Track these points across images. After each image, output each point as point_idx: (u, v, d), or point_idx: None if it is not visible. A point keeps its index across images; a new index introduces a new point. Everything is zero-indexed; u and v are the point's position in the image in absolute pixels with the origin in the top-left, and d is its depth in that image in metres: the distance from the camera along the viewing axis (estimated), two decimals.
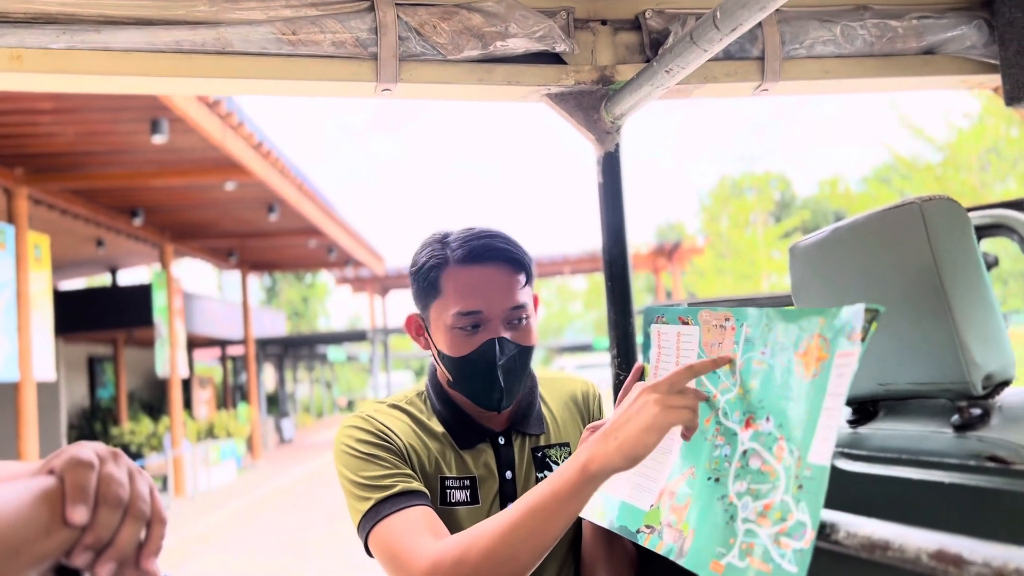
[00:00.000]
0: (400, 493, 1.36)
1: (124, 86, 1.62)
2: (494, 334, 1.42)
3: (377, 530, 1.35)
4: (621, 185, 1.79)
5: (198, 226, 14.43)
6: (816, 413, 0.98)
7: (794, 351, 1.04)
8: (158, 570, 0.78)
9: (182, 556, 9.06)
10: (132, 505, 0.70)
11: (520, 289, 1.45)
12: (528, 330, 1.47)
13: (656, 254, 24.38)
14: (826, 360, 0.98)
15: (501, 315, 1.43)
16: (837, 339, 0.97)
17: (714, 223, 31.91)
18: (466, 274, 1.44)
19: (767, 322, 1.10)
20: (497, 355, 1.42)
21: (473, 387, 1.46)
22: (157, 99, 7.97)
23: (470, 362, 1.44)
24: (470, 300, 1.42)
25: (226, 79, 1.61)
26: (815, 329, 1.01)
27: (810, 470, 0.96)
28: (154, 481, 1.26)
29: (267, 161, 10.81)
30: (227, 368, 24.39)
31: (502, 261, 1.44)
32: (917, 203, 1.12)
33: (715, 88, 1.83)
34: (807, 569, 0.91)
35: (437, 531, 1.32)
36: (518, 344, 1.45)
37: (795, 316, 1.05)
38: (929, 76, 1.86)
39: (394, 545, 1.31)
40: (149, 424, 15.93)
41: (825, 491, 0.94)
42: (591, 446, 1.13)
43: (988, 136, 17.69)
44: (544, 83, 1.73)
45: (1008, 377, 1.10)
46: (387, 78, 1.63)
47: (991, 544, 0.77)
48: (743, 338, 1.13)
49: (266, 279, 40.10)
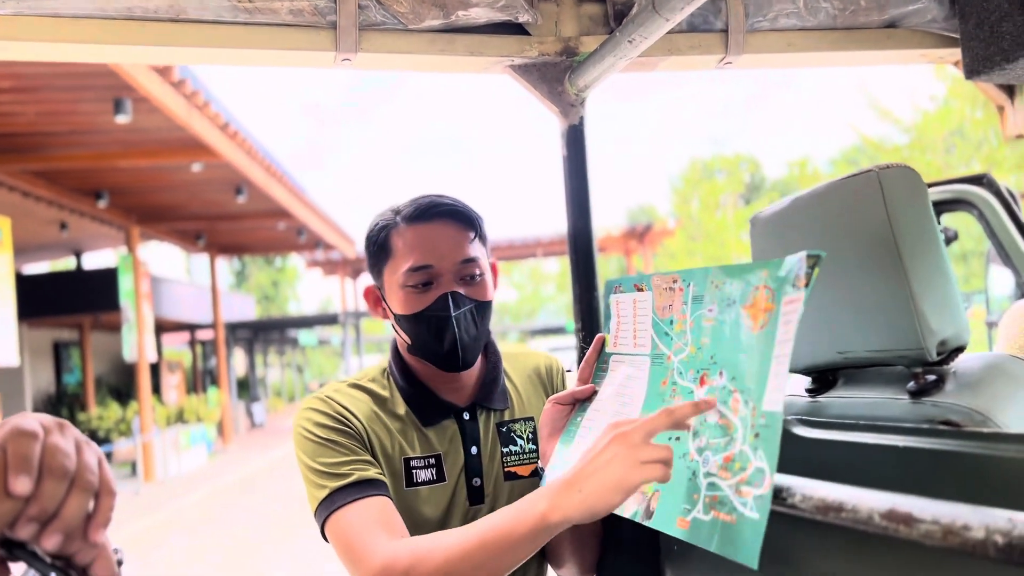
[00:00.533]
0: (356, 483, 1.35)
1: (73, 54, 1.58)
2: (447, 289, 1.42)
3: (332, 520, 1.34)
4: (586, 159, 1.78)
5: (165, 208, 14.24)
6: (767, 363, 0.99)
7: (741, 305, 1.05)
8: (107, 542, 0.76)
9: (152, 541, 9.00)
10: (79, 476, 0.68)
11: (470, 244, 1.44)
12: (483, 286, 1.46)
13: (628, 236, 24.50)
14: (773, 310, 0.99)
15: (452, 269, 1.42)
16: (782, 288, 0.98)
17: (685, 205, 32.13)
18: (414, 231, 1.44)
19: (712, 279, 1.11)
20: (451, 308, 1.41)
21: (431, 346, 1.45)
22: (120, 78, 7.83)
23: (424, 319, 1.43)
24: (419, 255, 1.42)
25: (179, 47, 1.58)
26: (760, 281, 1.02)
27: (764, 418, 0.98)
28: (123, 467, 1.23)
29: (234, 142, 10.68)
30: (196, 352, 24.16)
31: (449, 217, 1.44)
32: (875, 171, 1.12)
33: (680, 61, 1.82)
34: (768, 513, 0.92)
35: (391, 525, 1.31)
36: (473, 299, 1.44)
37: (739, 271, 1.07)
38: (891, 50, 1.87)
39: (348, 538, 1.30)
40: (117, 409, 15.76)
41: (780, 435, 0.95)
42: (554, 495, 1.08)
43: (953, 118, 17.95)
44: (507, 54, 1.72)
45: (962, 343, 1.11)
46: (346, 48, 1.60)
47: (940, 503, 0.78)
48: (691, 297, 1.15)
49: (235, 262, 39.73)
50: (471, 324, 1.44)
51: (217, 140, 10.11)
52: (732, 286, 1.08)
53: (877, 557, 0.95)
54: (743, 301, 1.05)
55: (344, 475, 1.36)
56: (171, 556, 8.25)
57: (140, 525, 9.86)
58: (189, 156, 10.72)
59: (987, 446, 0.87)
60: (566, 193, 1.79)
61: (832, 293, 1.18)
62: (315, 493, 1.38)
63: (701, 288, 1.14)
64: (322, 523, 1.37)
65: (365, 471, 1.38)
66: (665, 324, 1.21)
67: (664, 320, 1.22)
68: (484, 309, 1.46)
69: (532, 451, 1.54)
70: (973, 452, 0.89)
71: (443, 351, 1.44)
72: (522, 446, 1.54)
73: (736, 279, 1.07)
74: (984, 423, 1.03)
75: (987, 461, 0.87)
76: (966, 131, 17.97)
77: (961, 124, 17.93)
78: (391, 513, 1.34)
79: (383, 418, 1.48)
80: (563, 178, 1.79)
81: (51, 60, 1.64)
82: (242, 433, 22.21)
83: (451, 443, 1.50)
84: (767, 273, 1.01)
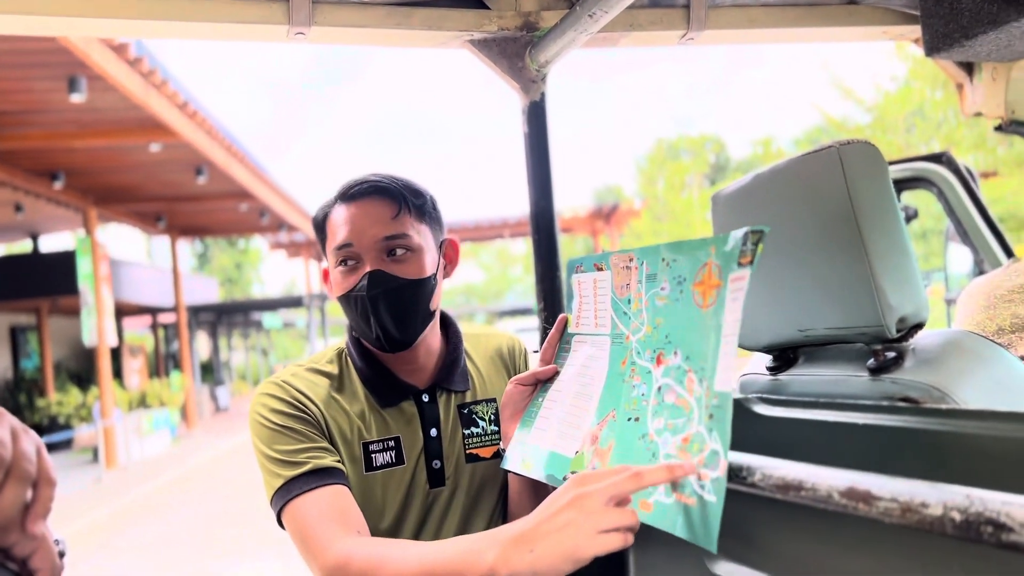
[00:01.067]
0: (312, 471, 1.33)
1: (18, 26, 1.52)
2: (370, 267, 1.40)
3: (288, 509, 1.32)
4: (548, 136, 1.76)
5: (123, 189, 13.96)
6: (718, 341, 0.98)
7: (692, 283, 1.04)
8: (47, 533, 0.73)
9: (114, 528, 8.89)
10: (15, 465, 0.65)
11: (394, 220, 1.40)
12: (413, 263, 1.41)
13: (594, 217, 24.53)
14: (720, 287, 0.98)
15: (375, 247, 1.39)
16: (728, 265, 0.97)
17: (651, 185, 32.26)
18: (342, 210, 1.42)
19: (663, 257, 1.11)
20: (367, 287, 1.38)
21: (360, 327, 1.44)
22: (74, 55, 7.64)
23: (349, 299, 1.42)
24: (343, 234, 1.40)
25: (129, 20, 1.53)
26: (707, 257, 1.01)
27: (717, 398, 0.96)
28: (84, 453, 1.18)
29: (194, 121, 10.48)
30: (159, 336, 23.82)
31: (374, 195, 1.41)
32: (835, 147, 1.11)
33: (641, 37, 1.80)
34: (724, 496, 0.91)
35: (346, 517, 1.29)
36: (396, 276, 1.40)
37: (688, 247, 1.06)
38: (852, 27, 1.87)
39: (303, 529, 1.29)
40: (78, 395, 15.52)
41: (731, 417, 0.94)
42: (504, 547, 1.00)
43: (914, 98, 18.19)
44: (466, 28, 1.68)
45: (921, 319, 1.11)
46: (300, 21, 1.56)
47: (899, 480, 0.77)
48: (645, 276, 1.15)
49: (197, 244, 39.19)
50: (395, 304, 1.40)
51: (176, 119, 9.91)
52: (682, 263, 1.07)
53: (837, 535, 0.95)
54: (693, 279, 1.04)
55: (300, 463, 1.34)
56: (134, 543, 8.15)
57: (102, 512, 9.72)
58: (147, 136, 10.50)
59: (945, 422, 0.87)
60: (527, 171, 1.77)
61: (793, 270, 1.18)
62: (271, 481, 1.36)
63: (654, 266, 1.13)
64: (278, 511, 1.35)
65: (321, 459, 1.35)
66: (623, 303, 1.20)
67: (623, 299, 1.20)
68: (415, 287, 1.41)
69: (494, 432, 1.53)
70: (932, 428, 0.89)
71: (370, 332, 1.42)
72: (484, 428, 1.53)
73: (685, 256, 1.06)
74: (943, 399, 1.03)
75: (945, 437, 0.87)
76: (926, 111, 18.23)
77: (921, 104, 18.18)
78: (347, 503, 1.32)
79: (341, 402, 1.45)
80: (524, 155, 1.77)
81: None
82: (206, 417, 21.99)
83: (410, 425, 1.47)
84: (714, 249, 1.00)
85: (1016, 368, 1.12)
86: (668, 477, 0.95)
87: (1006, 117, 2.18)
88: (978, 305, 1.70)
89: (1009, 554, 0.68)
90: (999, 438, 0.80)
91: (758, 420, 1.12)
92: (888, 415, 0.94)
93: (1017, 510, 0.66)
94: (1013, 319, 1.61)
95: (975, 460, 0.83)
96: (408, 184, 1.44)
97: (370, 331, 1.42)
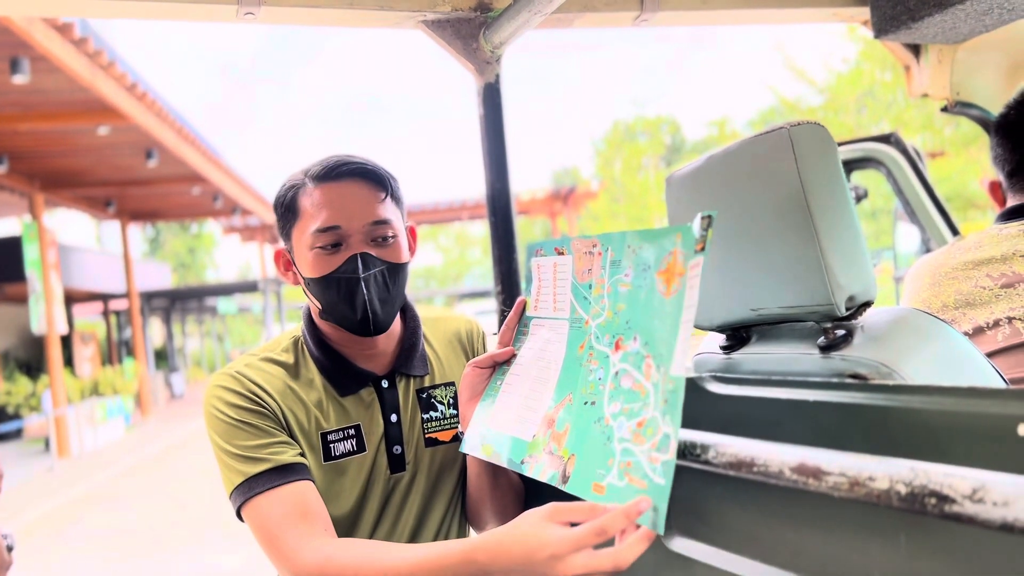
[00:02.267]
0: (274, 469, 1.32)
1: None
2: (356, 250, 1.37)
3: (250, 506, 1.31)
4: (503, 117, 1.75)
5: (71, 174, 13.61)
6: (676, 328, 0.99)
7: (656, 270, 1.05)
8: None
9: (68, 518, 8.73)
10: None
11: (381, 204, 1.39)
12: (396, 248, 1.42)
13: (552, 199, 24.54)
14: (683, 275, 0.99)
15: (362, 230, 1.38)
16: (689, 252, 0.98)
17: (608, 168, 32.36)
18: (322, 191, 1.38)
19: (629, 244, 1.11)
20: (360, 270, 1.37)
21: (341, 310, 1.40)
22: (16, 35, 7.40)
23: (334, 281, 1.38)
24: (327, 216, 1.37)
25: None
26: (673, 246, 1.02)
27: (672, 383, 0.98)
28: (35, 443, 1.14)
29: (143, 103, 10.25)
30: (110, 323, 23.34)
31: (359, 176, 1.39)
32: (786, 128, 1.13)
33: (595, 18, 1.80)
34: (672, 479, 0.93)
35: (311, 515, 1.29)
36: (384, 260, 1.39)
37: (654, 235, 1.06)
38: (803, 8, 1.89)
39: (268, 529, 1.28)
40: (27, 384, 15.15)
41: (683, 401, 0.95)
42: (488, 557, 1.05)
43: (864, 80, 18.48)
44: (419, 9, 1.66)
45: (869, 298, 1.13)
46: (249, 1, 1.53)
47: (847, 455, 0.79)
48: (609, 262, 1.15)
49: (149, 229, 38.37)
50: (382, 286, 1.39)
51: (124, 102, 9.67)
52: (647, 251, 1.07)
53: (789, 510, 0.97)
54: (657, 266, 1.05)
55: (261, 459, 1.32)
56: (88, 532, 8.02)
57: (55, 502, 9.54)
58: (95, 119, 10.23)
59: (892, 398, 0.89)
60: (484, 153, 1.76)
61: (745, 251, 1.19)
62: (231, 477, 1.34)
63: (619, 253, 1.13)
64: (238, 507, 1.34)
65: (282, 454, 1.34)
66: (584, 288, 1.21)
67: (583, 284, 1.21)
68: (397, 271, 1.42)
69: (453, 416, 1.53)
70: (879, 404, 0.91)
71: (354, 315, 1.39)
72: (443, 412, 1.52)
73: (651, 243, 1.07)
74: (890, 375, 1.05)
75: (892, 412, 0.89)
76: (877, 92, 18.53)
77: (872, 85, 18.48)
78: (311, 500, 1.31)
79: (298, 391, 1.43)
80: (480, 138, 1.76)
81: None
82: (161, 405, 21.64)
83: (369, 412, 1.46)
84: (680, 237, 1.00)
85: (959, 344, 1.15)
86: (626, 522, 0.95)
87: (951, 99, 2.23)
88: (924, 283, 1.74)
89: (952, 524, 0.70)
90: (943, 412, 0.82)
91: (712, 398, 1.14)
92: (837, 392, 0.95)
93: (959, 482, 0.68)
94: (957, 296, 1.65)
95: (920, 434, 0.85)
96: (382, 166, 1.43)
97: (354, 313, 1.39)
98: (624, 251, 1.12)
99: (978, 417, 0.77)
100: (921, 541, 0.80)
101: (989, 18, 1.77)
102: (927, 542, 0.79)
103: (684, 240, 1.00)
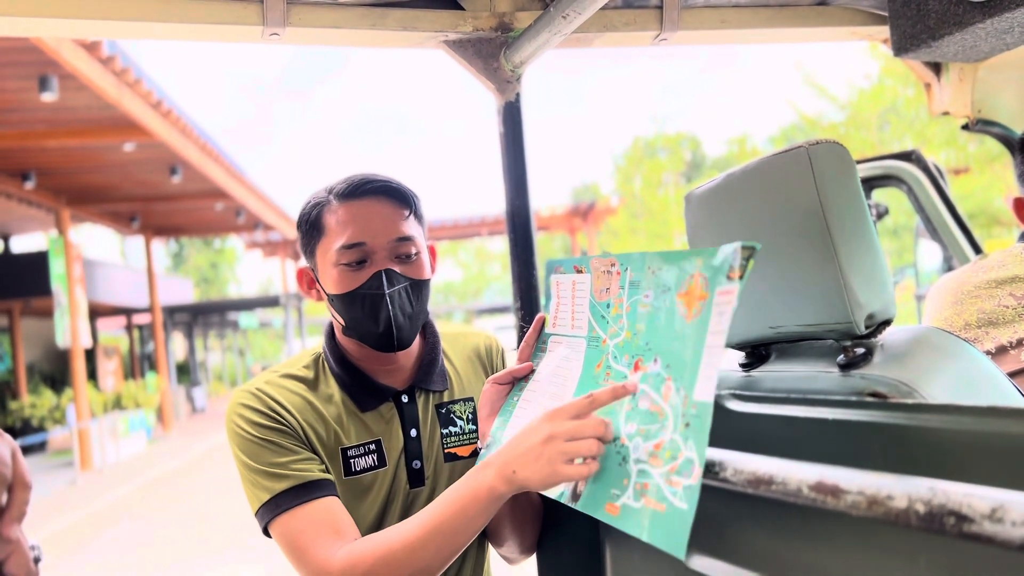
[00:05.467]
0: (301, 485, 1.33)
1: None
2: (381, 266, 1.39)
3: (278, 523, 1.32)
4: (523, 136, 1.77)
5: (97, 189, 13.80)
6: (699, 352, 0.99)
7: (676, 292, 1.05)
8: (22, 537, 0.73)
9: (89, 532, 8.79)
10: None
11: (404, 222, 1.42)
12: (419, 265, 1.44)
13: (572, 215, 24.59)
14: (706, 299, 0.99)
15: (387, 247, 1.40)
16: (716, 278, 0.98)
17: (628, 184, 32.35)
18: (347, 208, 1.40)
19: (649, 265, 1.11)
20: (385, 286, 1.38)
21: (365, 326, 1.42)
22: (45, 54, 7.54)
23: (359, 297, 1.40)
24: (352, 233, 1.39)
25: (103, 21, 1.52)
26: (694, 269, 1.02)
27: (695, 408, 0.97)
28: (59, 456, 1.15)
29: (167, 120, 10.39)
30: (133, 337, 23.57)
31: (383, 194, 1.41)
32: (804, 147, 1.13)
33: (615, 37, 1.82)
34: (696, 504, 0.93)
35: (341, 528, 1.30)
36: (408, 277, 1.41)
37: (675, 258, 1.06)
38: (822, 27, 1.89)
39: (299, 543, 1.29)
40: (51, 397, 15.31)
41: (710, 427, 0.95)
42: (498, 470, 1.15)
43: (887, 96, 18.39)
44: (441, 29, 1.69)
45: (889, 316, 1.13)
46: (274, 22, 1.56)
47: (866, 473, 0.79)
48: (628, 282, 1.15)
49: (172, 244, 38.80)
50: (406, 303, 1.41)
51: (150, 119, 9.81)
52: (668, 273, 1.07)
53: (808, 528, 0.97)
54: (678, 288, 1.04)
55: (286, 476, 1.34)
56: (110, 547, 8.07)
57: (77, 515, 9.61)
58: (120, 135, 10.39)
59: (912, 417, 0.89)
60: (504, 171, 1.77)
61: (764, 269, 1.19)
62: (257, 494, 1.35)
63: (638, 273, 1.13)
64: (265, 524, 1.35)
65: (308, 472, 1.35)
66: (602, 307, 1.21)
67: (601, 303, 1.21)
68: (420, 288, 1.44)
69: (472, 432, 1.53)
70: (898, 423, 0.90)
71: (378, 330, 1.41)
72: (461, 427, 1.53)
73: (672, 266, 1.06)
74: (910, 394, 1.05)
75: (912, 431, 0.88)
76: (899, 108, 18.44)
77: (894, 102, 18.39)
78: (340, 514, 1.33)
79: (317, 407, 1.44)
80: (500, 156, 1.78)
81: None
82: (183, 419, 21.79)
83: (390, 427, 1.47)
84: (701, 261, 1.00)
85: (980, 363, 1.14)
86: (612, 397, 1.08)
87: (973, 116, 2.22)
88: (946, 301, 1.73)
89: (971, 544, 0.69)
90: (963, 432, 0.82)
91: (730, 416, 1.14)
92: (857, 410, 0.95)
93: (978, 501, 0.68)
94: (979, 314, 1.64)
95: (940, 453, 0.84)
96: (407, 186, 1.45)
97: (377, 329, 1.41)
98: (644, 272, 1.12)
99: (999, 437, 0.77)
100: (939, 560, 0.79)
101: (1010, 36, 1.77)
102: (945, 561, 0.79)
103: (706, 264, 0.99)
